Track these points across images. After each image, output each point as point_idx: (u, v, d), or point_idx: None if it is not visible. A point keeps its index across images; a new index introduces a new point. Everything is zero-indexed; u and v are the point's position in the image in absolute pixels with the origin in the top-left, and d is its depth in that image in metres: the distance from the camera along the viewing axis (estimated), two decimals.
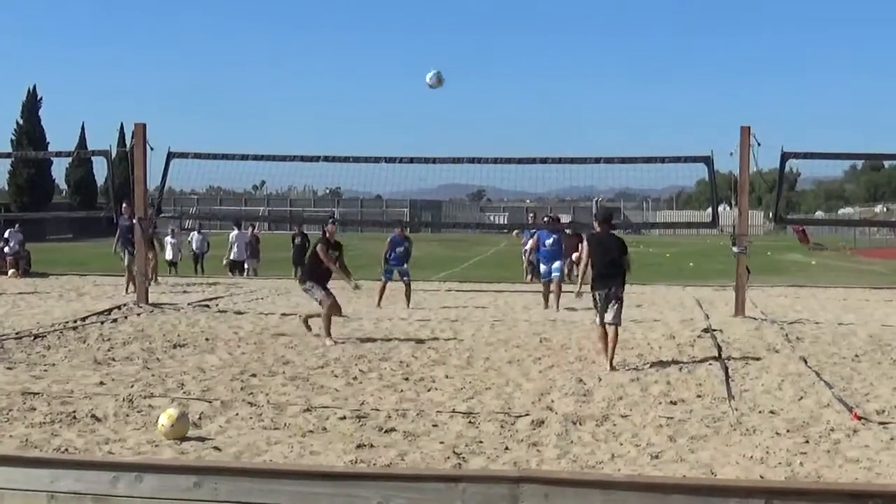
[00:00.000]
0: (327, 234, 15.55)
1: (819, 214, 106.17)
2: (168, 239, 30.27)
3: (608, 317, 12.87)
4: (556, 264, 19.62)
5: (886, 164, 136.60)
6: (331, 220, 16.44)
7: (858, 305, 20.76)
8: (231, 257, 29.37)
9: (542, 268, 20.17)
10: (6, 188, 71.14)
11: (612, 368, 12.55)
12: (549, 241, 19.87)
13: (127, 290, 21.39)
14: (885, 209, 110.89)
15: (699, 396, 10.96)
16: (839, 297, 22.70)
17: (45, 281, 25.94)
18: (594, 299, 13.08)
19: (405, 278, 20.28)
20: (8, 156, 53.28)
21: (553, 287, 19.59)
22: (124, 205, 21.65)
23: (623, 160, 19.45)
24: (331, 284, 15.50)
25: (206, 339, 14.87)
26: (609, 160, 19.33)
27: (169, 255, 29.95)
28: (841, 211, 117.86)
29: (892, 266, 32.18)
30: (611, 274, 12.96)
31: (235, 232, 29.30)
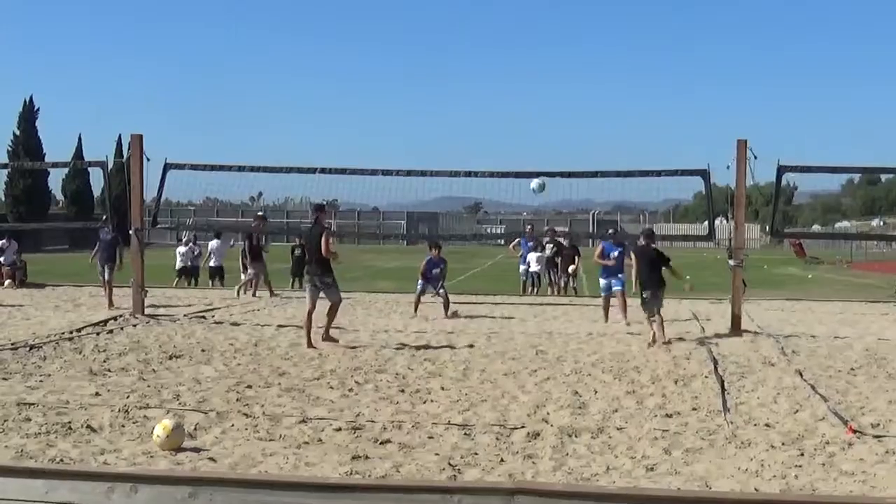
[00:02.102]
0: (325, 223, 15.98)
1: (816, 228, 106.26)
2: (180, 249, 30.18)
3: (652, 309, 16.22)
4: (620, 276, 19.31)
5: (883, 178, 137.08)
6: (320, 206, 16.62)
7: (855, 319, 20.77)
8: (211, 264, 29.25)
9: (602, 281, 19.83)
10: (3, 199, 71.26)
11: (666, 342, 15.80)
12: (614, 254, 19.22)
13: (110, 305, 21.09)
14: (881, 223, 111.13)
15: (695, 409, 10.97)
16: (835, 310, 22.71)
17: (41, 292, 25.94)
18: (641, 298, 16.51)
19: (441, 290, 20.67)
20: (4, 167, 53.39)
21: (618, 300, 19.37)
22: (104, 217, 21.56)
23: (619, 174, 19.48)
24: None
25: (202, 351, 14.86)
26: (605, 174, 19.38)
27: (179, 263, 29.93)
28: (837, 225, 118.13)
29: (888, 280, 32.26)
30: (651, 280, 16.39)
31: (215, 241, 29.11)
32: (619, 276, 19.34)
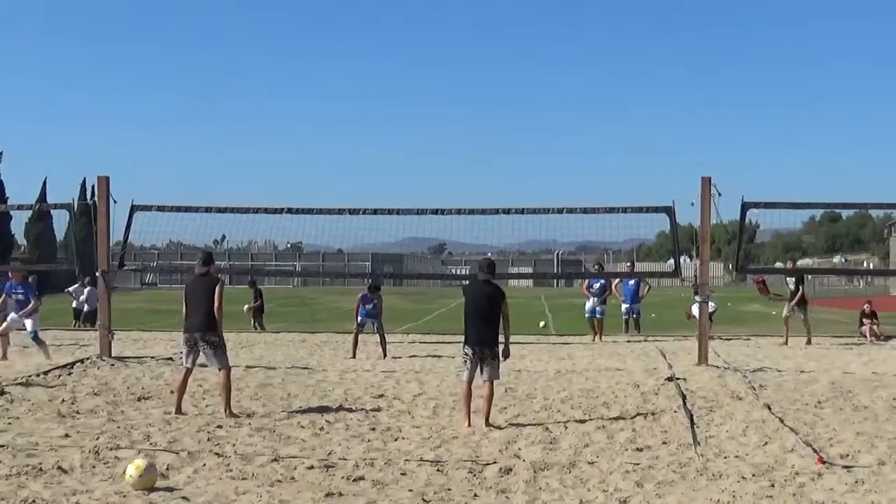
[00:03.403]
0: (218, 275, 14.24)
1: (778, 265, 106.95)
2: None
3: None
4: (603, 305, 24.86)
5: (844, 215, 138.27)
6: (210, 256, 14.09)
7: (819, 353, 20.94)
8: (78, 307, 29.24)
9: (588, 304, 25.04)
10: None
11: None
12: (596, 286, 24.98)
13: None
14: (843, 260, 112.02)
15: (665, 443, 11.04)
16: (800, 345, 22.87)
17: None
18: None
19: (379, 330, 20.44)
20: None
21: (598, 323, 24.55)
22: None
23: (585, 210, 19.62)
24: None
25: (171, 392, 14.76)
26: (571, 210, 19.52)
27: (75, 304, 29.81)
28: (800, 262, 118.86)
29: (850, 315, 32.36)
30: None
31: (88, 289, 28.58)
32: (602, 304, 24.25)
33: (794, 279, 24.37)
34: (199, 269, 13.51)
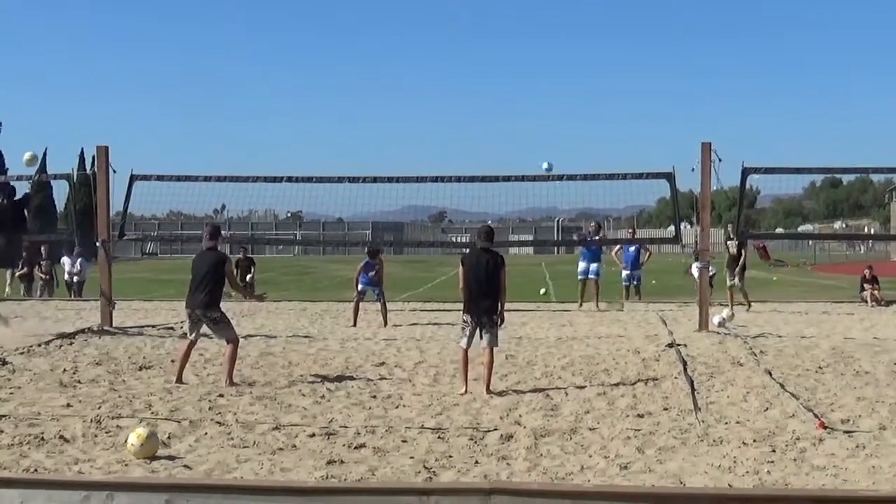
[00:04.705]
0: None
1: (779, 231, 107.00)
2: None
3: None
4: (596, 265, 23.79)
5: (845, 180, 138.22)
6: (217, 229, 13.90)
7: (820, 319, 20.92)
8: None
9: (581, 265, 24.06)
10: None
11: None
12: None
13: None
14: (843, 225, 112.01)
15: (666, 409, 11.05)
16: (800, 311, 22.86)
17: (5, 305, 25.73)
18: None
19: (380, 298, 20.38)
20: None
21: (593, 286, 23.60)
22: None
23: (586, 177, 19.57)
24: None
25: (172, 361, 14.71)
26: (571, 177, 19.47)
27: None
28: (800, 228, 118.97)
29: (851, 281, 32.39)
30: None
31: (80, 259, 28.97)
32: (595, 264, 23.49)
33: (736, 243, 23.17)
34: (207, 243, 13.40)
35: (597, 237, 24.82)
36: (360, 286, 20.30)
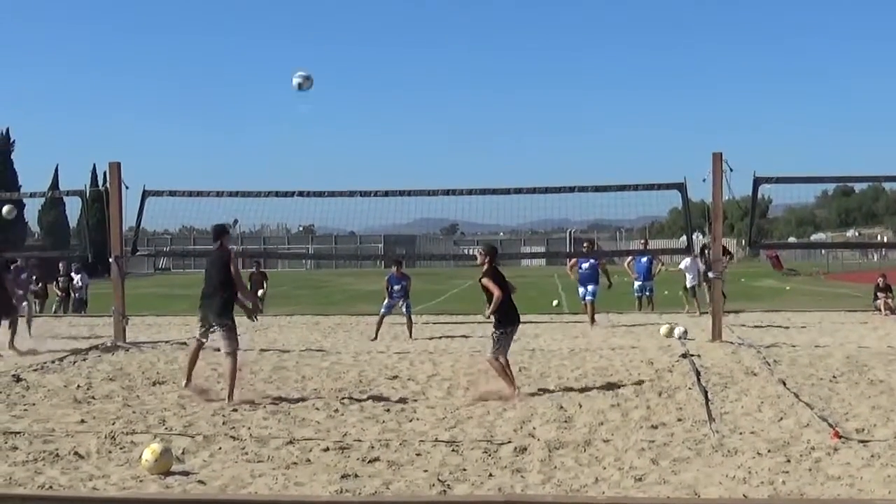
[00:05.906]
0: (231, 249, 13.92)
1: (791, 240, 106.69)
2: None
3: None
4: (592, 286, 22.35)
5: (857, 188, 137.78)
6: (223, 228, 13.86)
7: (834, 328, 20.89)
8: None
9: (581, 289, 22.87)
10: None
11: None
12: (585, 265, 22.68)
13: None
14: (856, 234, 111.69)
15: (680, 420, 11.02)
16: (814, 320, 22.83)
17: (19, 322, 25.74)
18: None
19: (407, 311, 20.53)
20: None
21: (588, 308, 22.32)
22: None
23: (597, 189, 19.55)
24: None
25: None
26: (583, 189, 19.45)
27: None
28: (813, 237, 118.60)
29: (864, 290, 32.31)
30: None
31: (80, 275, 29.34)
32: (592, 285, 22.32)
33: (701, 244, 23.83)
34: (213, 243, 13.54)
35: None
36: (390, 299, 20.37)
